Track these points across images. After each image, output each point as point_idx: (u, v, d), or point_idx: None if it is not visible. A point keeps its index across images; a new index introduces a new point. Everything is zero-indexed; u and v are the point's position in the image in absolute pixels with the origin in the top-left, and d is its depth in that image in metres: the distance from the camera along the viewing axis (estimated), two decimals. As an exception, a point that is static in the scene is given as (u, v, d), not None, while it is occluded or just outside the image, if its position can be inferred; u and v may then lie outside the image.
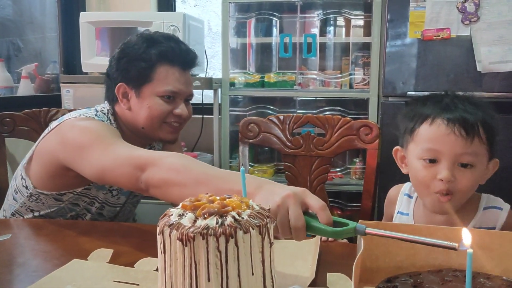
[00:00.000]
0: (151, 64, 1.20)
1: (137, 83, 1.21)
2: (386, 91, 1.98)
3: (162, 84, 1.20)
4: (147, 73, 1.20)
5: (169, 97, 1.21)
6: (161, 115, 1.21)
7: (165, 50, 1.21)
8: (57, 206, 1.21)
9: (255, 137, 1.64)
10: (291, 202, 0.74)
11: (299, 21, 2.34)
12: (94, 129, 1.11)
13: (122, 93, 1.22)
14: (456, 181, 0.90)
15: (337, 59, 2.47)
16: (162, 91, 1.20)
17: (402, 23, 1.92)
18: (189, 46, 1.29)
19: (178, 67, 1.23)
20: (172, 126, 1.24)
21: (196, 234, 0.60)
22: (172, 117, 1.23)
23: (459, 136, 0.89)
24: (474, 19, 1.83)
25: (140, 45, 1.21)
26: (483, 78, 1.86)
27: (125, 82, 1.21)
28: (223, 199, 0.68)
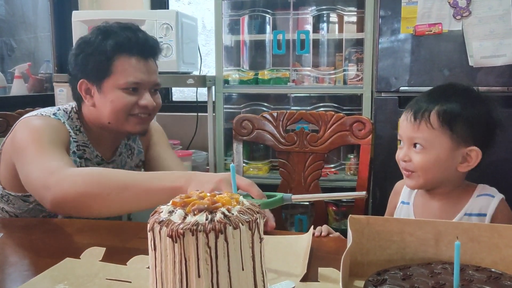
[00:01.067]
0: (108, 56, 1.15)
1: (97, 78, 1.17)
2: (379, 86, 1.99)
3: (122, 76, 1.16)
4: (106, 66, 1.16)
5: (133, 89, 1.17)
6: (125, 108, 1.17)
7: (121, 40, 1.16)
8: (26, 207, 1.20)
9: (249, 134, 1.64)
10: (223, 185, 0.85)
11: (292, 17, 2.35)
12: (39, 131, 1.11)
13: (85, 89, 1.19)
14: (412, 160, 1.04)
15: (330, 55, 2.48)
16: (123, 83, 1.16)
17: (394, 19, 1.93)
18: (148, 34, 1.24)
19: (137, 56, 1.18)
20: (139, 118, 1.20)
21: (185, 231, 0.60)
22: (138, 109, 1.19)
23: (409, 122, 1.04)
24: (466, 13, 1.84)
25: (95, 38, 1.17)
26: (475, 73, 1.87)
27: (86, 78, 1.18)
28: (213, 196, 0.68)
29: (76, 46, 1.21)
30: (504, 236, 0.76)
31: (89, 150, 1.24)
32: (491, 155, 1.07)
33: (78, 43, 1.21)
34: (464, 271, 0.69)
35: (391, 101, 1.97)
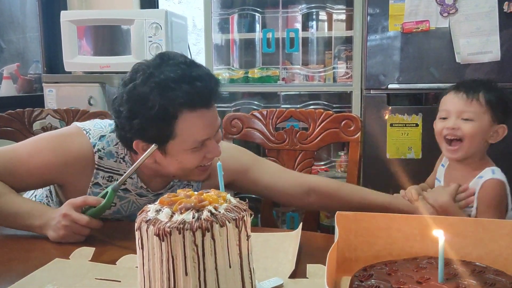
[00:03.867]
0: (171, 119, 0.98)
1: (159, 142, 1.01)
2: (368, 84, 2.00)
3: (189, 138, 1.01)
4: (169, 129, 0.99)
5: (200, 145, 1.04)
6: (194, 166, 1.05)
7: (181, 98, 0.97)
8: None
9: (238, 132, 1.64)
10: (69, 216, 0.95)
11: (282, 16, 2.35)
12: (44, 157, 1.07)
13: (142, 148, 1.03)
14: (461, 128, 1.22)
15: (320, 53, 2.49)
16: (189, 145, 1.01)
17: (382, 17, 1.94)
18: (205, 72, 1.04)
19: (200, 109, 1.00)
20: (204, 167, 1.09)
21: (172, 229, 0.60)
22: (205, 161, 1.07)
23: (461, 98, 1.23)
24: (453, 11, 1.86)
25: (153, 99, 0.96)
26: (462, 69, 1.89)
27: (143, 140, 1.02)
28: (201, 194, 0.68)
29: (128, 106, 0.99)
30: (488, 231, 0.77)
31: (132, 181, 1.12)
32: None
33: (129, 101, 0.99)
34: (449, 265, 0.70)
35: (380, 98, 1.98)
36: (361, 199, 1.21)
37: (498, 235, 0.76)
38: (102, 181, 1.10)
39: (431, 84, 1.94)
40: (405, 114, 1.96)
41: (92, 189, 1.10)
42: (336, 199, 1.23)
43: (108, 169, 1.10)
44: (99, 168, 1.09)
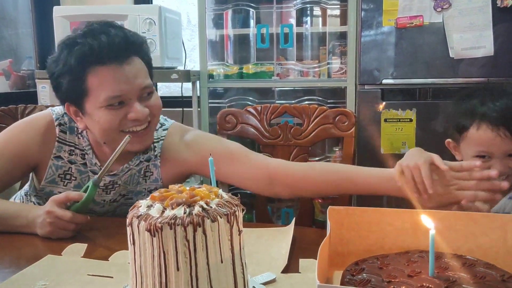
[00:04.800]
0: (77, 74, 0.99)
1: (76, 100, 1.03)
2: (362, 79, 2.01)
3: (99, 93, 0.99)
4: (79, 86, 1.00)
5: (118, 103, 1.01)
6: (112, 126, 1.02)
7: (84, 52, 0.98)
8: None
9: (233, 128, 1.64)
10: (53, 213, 0.95)
11: (276, 11, 2.35)
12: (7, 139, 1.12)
13: (74, 112, 1.06)
14: (509, 168, 1.04)
15: (314, 49, 2.48)
16: (102, 100, 1.00)
17: (376, 12, 1.94)
18: (119, 31, 1.03)
19: (109, 64, 0.99)
20: (134, 133, 1.04)
21: (163, 224, 0.60)
22: (129, 123, 1.03)
23: (505, 138, 1.03)
24: (446, 6, 1.86)
25: (60, 55, 1.01)
26: (456, 64, 1.90)
27: (68, 101, 1.05)
28: (192, 189, 0.68)
29: (47, 67, 1.06)
30: (479, 224, 0.77)
31: (88, 156, 1.14)
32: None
33: (48, 63, 1.06)
34: (440, 259, 0.70)
35: (374, 93, 1.98)
36: (341, 179, 1.07)
37: (489, 229, 0.77)
38: (64, 155, 1.13)
39: (425, 79, 1.94)
40: (399, 109, 1.97)
41: (54, 161, 1.12)
42: (304, 185, 1.11)
43: (70, 143, 1.14)
44: (60, 141, 1.13)
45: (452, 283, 0.62)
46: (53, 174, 1.13)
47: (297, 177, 1.12)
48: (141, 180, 1.18)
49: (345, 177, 1.07)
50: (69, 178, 1.15)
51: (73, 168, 1.14)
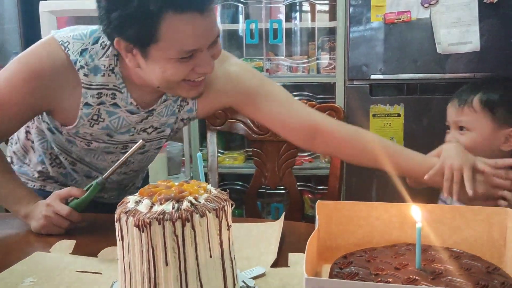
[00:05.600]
0: (153, 19, 0.84)
1: (140, 43, 0.89)
2: (351, 74, 2.02)
3: (174, 44, 0.87)
4: (151, 31, 0.86)
5: (188, 56, 0.90)
6: (179, 77, 0.93)
7: None
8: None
9: (222, 124, 1.64)
10: (52, 207, 0.96)
11: (265, 6, 2.35)
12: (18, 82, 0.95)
13: (125, 48, 0.91)
14: (459, 141, 1.13)
15: (303, 44, 2.49)
16: (174, 53, 0.88)
17: (364, 7, 1.95)
18: None
19: (190, 12, 0.85)
20: (193, 82, 0.96)
21: (152, 220, 0.60)
22: (194, 75, 0.94)
23: (454, 108, 1.17)
24: (433, 1, 1.87)
25: None
26: (443, 60, 1.91)
27: (124, 38, 0.89)
28: (181, 185, 0.68)
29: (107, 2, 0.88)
30: (465, 217, 0.79)
31: (122, 95, 1.02)
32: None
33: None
34: (426, 252, 0.71)
35: (363, 89, 1.99)
36: (385, 154, 1.04)
37: (474, 222, 0.78)
38: (92, 100, 1.00)
39: (413, 74, 1.96)
40: (387, 105, 1.98)
41: (83, 110, 1.00)
42: (347, 149, 1.10)
43: (97, 86, 1.00)
44: (86, 87, 0.99)
45: (438, 275, 0.63)
46: (83, 122, 1.02)
47: (342, 139, 1.09)
48: (176, 109, 1.10)
49: (389, 154, 1.04)
50: (96, 119, 1.02)
51: (101, 109, 1.02)
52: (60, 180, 1.20)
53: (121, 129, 1.07)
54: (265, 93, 1.09)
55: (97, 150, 1.11)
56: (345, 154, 1.14)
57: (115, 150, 1.12)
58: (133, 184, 1.34)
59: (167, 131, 1.13)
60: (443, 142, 1.19)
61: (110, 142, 1.09)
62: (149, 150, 1.17)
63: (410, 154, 1.06)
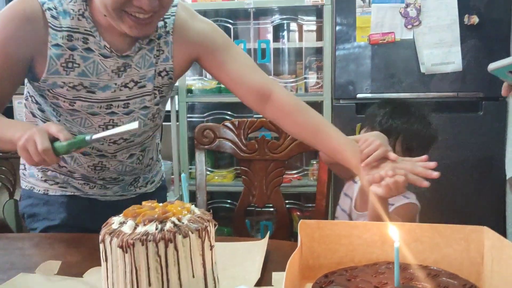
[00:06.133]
0: None
1: None
2: (338, 94, 2.05)
3: None
4: None
5: None
6: (113, 4, 0.97)
7: None
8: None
9: (210, 143, 1.65)
10: (36, 134, 0.91)
11: (253, 27, 2.39)
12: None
13: None
14: None
15: (291, 63, 2.53)
16: None
17: (349, 28, 2.00)
18: None
19: None
20: (135, 18, 0.99)
21: (135, 241, 0.61)
22: (132, 8, 0.98)
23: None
24: (416, 23, 1.93)
25: None
26: (427, 79, 1.96)
27: None
28: (165, 206, 0.70)
29: None
30: (444, 236, 0.80)
31: (94, 39, 1.06)
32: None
33: None
34: (405, 270, 0.73)
35: (349, 108, 2.03)
36: (315, 140, 1.15)
37: (453, 240, 0.80)
38: (62, 41, 1.04)
39: (398, 93, 2.00)
40: (373, 123, 2.02)
41: (52, 50, 1.03)
42: (290, 120, 1.17)
43: (67, 29, 1.04)
44: (54, 28, 1.03)
45: (416, 293, 0.65)
46: (55, 65, 1.04)
47: (290, 110, 1.16)
48: (153, 60, 1.13)
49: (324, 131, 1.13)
50: (71, 66, 1.05)
51: (75, 54, 1.05)
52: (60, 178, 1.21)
53: (99, 77, 1.08)
54: (231, 53, 1.18)
55: (81, 113, 1.11)
56: (289, 125, 1.19)
57: (99, 110, 1.12)
58: (135, 181, 1.33)
59: (148, 85, 1.14)
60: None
61: (92, 100, 1.10)
62: (134, 111, 1.16)
63: (336, 132, 1.13)
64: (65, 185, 1.22)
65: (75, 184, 1.22)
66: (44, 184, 1.22)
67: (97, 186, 1.23)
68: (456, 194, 1.99)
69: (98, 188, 1.24)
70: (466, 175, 1.98)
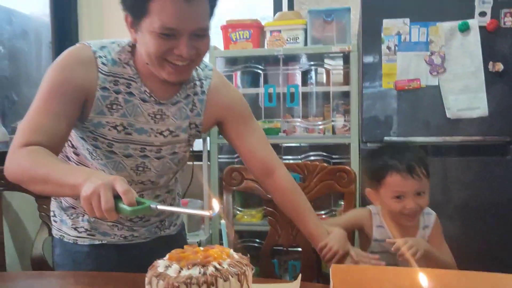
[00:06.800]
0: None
1: (136, 16, 1.08)
2: (365, 137, 2.10)
3: (157, 19, 1.04)
4: (143, 4, 1.05)
5: (167, 34, 1.06)
6: (156, 53, 1.08)
7: None
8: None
9: (238, 184, 1.71)
10: (102, 189, 0.90)
11: (282, 72, 2.49)
12: (52, 78, 1.10)
13: (130, 23, 1.11)
14: (421, 205, 1.33)
15: (319, 106, 2.60)
16: (156, 27, 1.04)
17: (376, 74, 2.07)
18: None
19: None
20: (174, 66, 1.10)
21: (180, 284, 0.68)
22: (172, 56, 1.09)
23: (413, 180, 1.32)
24: (441, 70, 1.98)
25: None
26: (453, 124, 1.99)
27: (128, 12, 1.10)
28: (206, 250, 0.76)
29: None
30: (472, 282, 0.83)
31: (136, 84, 1.18)
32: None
33: None
34: (433, 316, 0.75)
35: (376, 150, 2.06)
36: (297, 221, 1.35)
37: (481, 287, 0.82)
38: (109, 85, 1.15)
39: (424, 137, 2.03)
40: (401, 166, 2.04)
41: (100, 92, 1.14)
42: (284, 197, 1.35)
43: (113, 75, 1.15)
44: (103, 73, 1.14)
45: None
46: (101, 105, 1.14)
47: (285, 190, 1.34)
48: (188, 113, 1.26)
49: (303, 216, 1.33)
50: (115, 107, 1.16)
51: (119, 97, 1.16)
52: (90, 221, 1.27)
53: (136, 118, 1.18)
54: (252, 125, 1.34)
55: (117, 156, 1.19)
56: (281, 201, 1.37)
57: (133, 152, 1.21)
58: (161, 223, 1.38)
59: (181, 135, 1.26)
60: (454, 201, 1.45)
61: (128, 141, 1.19)
62: (164, 156, 1.26)
63: (316, 222, 1.32)
64: (93, 232, 1.27)
65: (104, 227, 1.27)
66: (74, 232, 1.28)
67: (125, 228, 1.29)
68: (483, 238, 1.98)
69: (126, 230, 1.29)
70: (493, 218, 1.96)
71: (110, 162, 1.20)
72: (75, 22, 2.88)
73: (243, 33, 2.49)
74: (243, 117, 1.33)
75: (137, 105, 1.18)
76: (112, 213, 0.90)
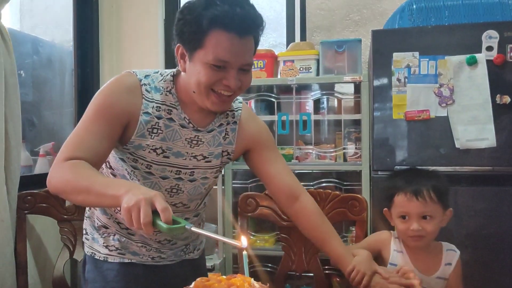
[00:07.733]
0: (203, 29, 1.14)
1: (191, 47, 1.17)
2: (376, 165, 2.16)
3: (212, 52, 1.14)
4: (199, 38, 1.14)
5: (219, 66, 1.15)
6: (207, 83, 1.17)
7: (217, 14, 1.12)
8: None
9: (253, 210, 1.78)
10: (142, 203, 0.95)
11: (295, 101, 2.57)
12: (99, 101, 1.20)
13: (180, 54, 1.21)
14: (425, 229, 1.36)
15: (331, 133, 2.66)
16: (211, 59, 1.14)
17: (386, 105, 2.13)
18: (251, 8, 1.17)
19: (232, 33, 1.13)
20: (219, 95, 1.19)
21: (207, 310, 0.74)
22: (220, 86, 1.18)
23: (417, 201, 1.36)
24: (450, 102, 2.05)
25: (197, 7, 1.15)
26: (462, 154, 2.04)
27: (182, 44, 1.20)
28: (229, 279, 0.82)
29: (181, 10, 1.19)
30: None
31: (177, 111, 1.27)
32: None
33: (183, 7, 1.19)
34: None
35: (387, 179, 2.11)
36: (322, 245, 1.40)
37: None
38: (151, 111, 1.24)
39: (435, 166, 2.07)
40: (411, 194, 2.08)
41: (143, 116, 1.23)
42: (309, 223, 1.41)
43: (157, 102, 1.25)
44: (146, 99, 1.24)
45: None
46: (143, 129, 1.23)
47: (309, 218, 1.40)
48: (221, 141, 1.35)
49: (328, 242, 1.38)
50: (156, 131, 1.25)
51: (160, 122, 1.25)
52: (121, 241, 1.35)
53: (174, 143, 1.27)
54: (275, 154, 1.44)
55: (154, 177, 1.28)
56: (306, 226, 1.43)
57: (169, 174, 1.30)
58: (186, 247, 1.46)
59: (214, 161, 1.35)
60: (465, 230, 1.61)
61: (166, 163, 1.28)
62: (196, 180, 1.35)
63: (341, 244, 1.39)
64: (123, 251, 1.36)
65: (134, 248, 1.35)
66: (105, 250, 1.36)
67: (153, 249, 1.37)
68: (494, 267, 2.00)
69: (153, 251, 1.37)
70: (504, 247, 1.99)
71: (147, 183, 1.28)
72: (97, 50, 3.00)
73: (258, 62, 2.59)
74: (268, 145, 1.42)
75: (176, 131, 1.27)
76: (149, 227, 0.95)
